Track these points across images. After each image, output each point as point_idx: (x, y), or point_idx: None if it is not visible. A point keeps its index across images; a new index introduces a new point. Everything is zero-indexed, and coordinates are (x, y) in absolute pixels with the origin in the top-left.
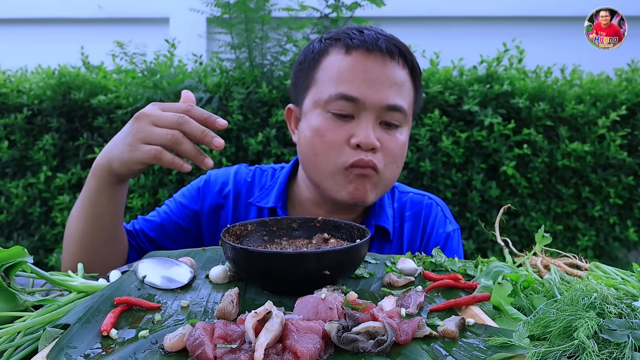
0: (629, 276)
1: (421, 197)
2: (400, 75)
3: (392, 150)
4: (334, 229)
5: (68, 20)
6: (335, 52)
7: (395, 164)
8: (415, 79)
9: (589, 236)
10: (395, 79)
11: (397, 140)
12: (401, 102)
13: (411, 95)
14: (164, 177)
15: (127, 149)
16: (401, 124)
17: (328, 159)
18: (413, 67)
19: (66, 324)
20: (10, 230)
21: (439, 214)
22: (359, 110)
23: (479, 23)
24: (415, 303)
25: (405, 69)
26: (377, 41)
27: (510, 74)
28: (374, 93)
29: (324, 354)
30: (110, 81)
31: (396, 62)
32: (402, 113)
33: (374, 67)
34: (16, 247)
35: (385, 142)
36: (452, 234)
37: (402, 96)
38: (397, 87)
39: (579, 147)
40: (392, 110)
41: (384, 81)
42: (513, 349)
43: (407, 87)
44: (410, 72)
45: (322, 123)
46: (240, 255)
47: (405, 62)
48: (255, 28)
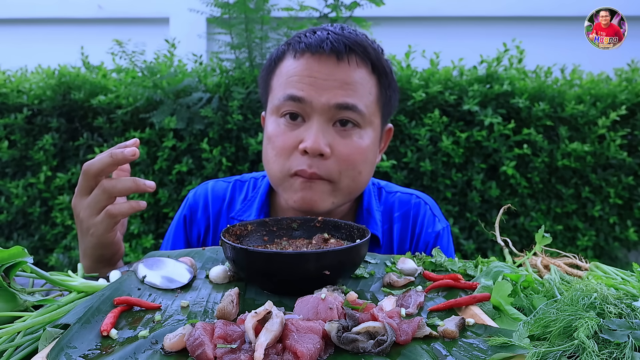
0: (629, 276)
1: (409, 196)
2: (352, 75)
3: (347, 156)
4: (334, 229)
5: (68, 20)
6: (287, 58)
7: (354, 169)
8: (379, 76)
9: (589, 236)
10: (345, 79)
11: (352, 144)
12: (353, 101)
13: (373, 94)
14: (164, 177)
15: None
16: (360, 125)
17: (277, 165)
18: (374, 65)
19: (66, 324)
20: (10, 230)
21: (428, 213)
22: (308, 112)
23: (479, 23)
24: (415, 303)
25: (361, 68)
26: (322, 43)
27: (510, 74)
28: (320, 94)
29: (324, 354)
30: (110, 81)
31: (345, 62)
32: (356, 112)
33: (322, 69)
34: (16, 247)
35: (338, 147)
36: (442, 233)
37: (355, 96)
38: (348, 87)
39: (579, 147)
40: (343, 110)
41: (332, 82)
42: (513, 349)
43: (364, 85)
44: (371, 70)
45: (274, 129)
46: (240, 255)
47: (362, 61)
48: (255, 28)
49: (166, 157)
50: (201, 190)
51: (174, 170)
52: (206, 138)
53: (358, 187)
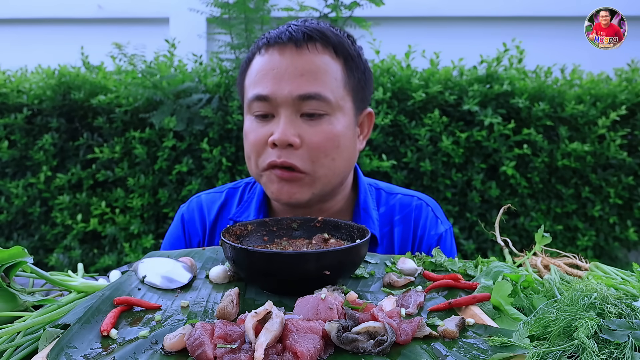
0: (629, 276)
1: (410, 198)
2: (314, 60)
3: (317, 143)
4: (334, 229)
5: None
6: (256, 57)
7: (328, 157)
8: (345, 60)
9: (589, 236)
10: (307, 67)
11: (322, 131)
12: (317, 88)
13: (339, 79)
14: (164, 177)
15: None
16: (329, 112)
17: (252, 161)
18: (336, 49)
19: (66, 324)
20: (10, 230)
21: (430, 215)
22: (275, 108)
23: (479, 23)
24: (415, 303)
25: (323, 54)
26: (281, 34)
27: (510, 74)
28: (282, 87)
29: (324, 354)
30: (110, 81)
31: (305, 48)
32: (321, 100)
33: (282, 60)
34: (16, 247)
35: (308, 136)
36: (445, 235)
37: (319, 82)
38: (310, 74)
39: (579, 147)
40: (307, 100)
41: (293, 72)
42: (513, 349)
43: (328, 71)
44: (335, 55)
45: (248, 126)
46: (240, 255)
47: (323, 47)
48: (254, 28)
49: (166, 157)
50: (194, 202)
51: (174, 171)
52: (206, 138)
53: (335, 174)
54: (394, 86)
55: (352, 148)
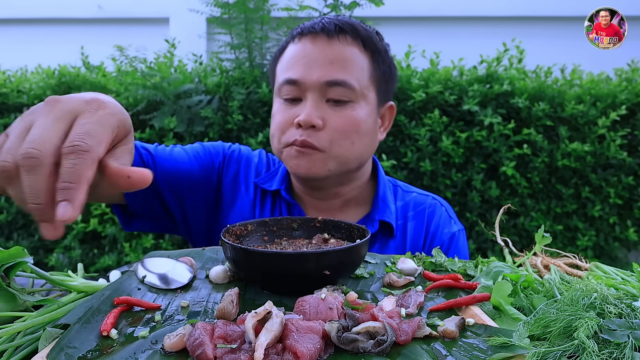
0: (629, 276)
1: (425, 197)
2: (344, 51)
3: (339, 126)
4: (334, 229)
5: (68, 20)
6: (289, 46)
7: (347, 139)
8: (372, 53)
9: (589, 236)
10: (336, 56)
11: (345, 115)
12: (344, 76)
13: (365, 70)
14: None
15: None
16: (353, 100)
17: (276, 138)
18: (365, 42)
19: (66, 324)
20: (10, 230)
21: (444, 214)
22: (303, 92)
23: (479, 23)
24: (415, 303)
25: (352, 46)
26: (315, 25)
27: (510, 74)
28: (312, 73)
29: (324, 354)
30: (110, 81)
31: (336, 39)
32: (346, 87)
33: (314, 49)
34: (16, 247)
35: (332, 119)
36: (458, 234)
37: (346, 71)
38: (339, 62)
39: (579, 147)
40: (333, 86)
41: (323, 59)
42: (513, 349)
43: (355, 61)
44: (363, 48)
45: (276, 108)
46: (240, 255)
47: (353, 39)
48: (254, 28)
49: None
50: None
51: None
52: (206, 138)
53: (353, 156)
54: None
55: (373, 136)
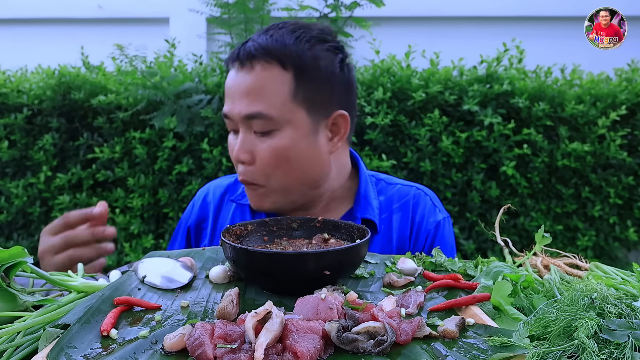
0: (629, 276)
1: (409, 187)
2: (258, 78)
3: (266, 160)
4: (334, 229)
5: (68, 20)
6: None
7: (279, 170)
8: (297, 69)
9: (589, 236)
10: (250, 86)
11: (270, 146)
12: (259, 107)
13: (285, 93)
14: (164, 177)
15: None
16: (277, 128)
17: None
18: (284, 61)
19: (66, 324)
20: (10, 230)
21: (428, 203)
22: (236, 124)
23: (479, 23)
24: (415, 303)
25: (269, 69)
26: (234, 52)
27: (510, 74)
28: (235, 106)
29: (324, 354)
30: (110, 81)
31: (248, 67)
32: (265, 119)
33: (235, 79)
34: (16, 247)
35: (260, 152)
36: (443, 222)
37: (261, 101)
38: (253, 93)
39: (579, 147)
40: (252, 119)
41: (241, 91)
42: (513, 349)
43: (271, 88)
44: (282, 67)
45: (228, 139)
46: (240, 255)
47: (267, 63)
48: (254, 28)
49: (166, 157)
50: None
51: (174, 171)
52: (206, 138)
53: (294, 184)
54: (394, 86)
55: (313, 156)
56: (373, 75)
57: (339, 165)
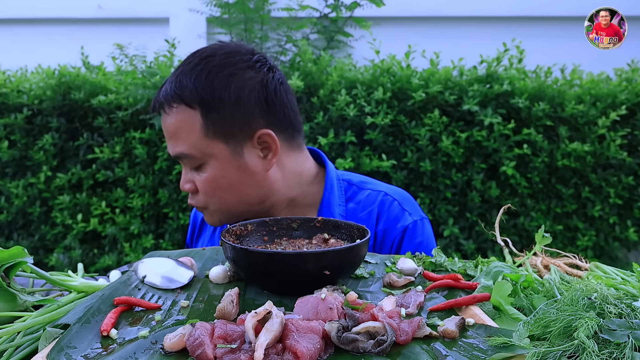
0: (629, 276)
1: (376, 194)
2: (172, 122)
3: (203, 190)
4: (334, 229)
5: (68, 20)
6: None
7: (214, 197)
8: (203, 106)
9: (589, 236)
10: (170, 129)
11: (202, 179)
12: (179, 149)
13: (198, 131)
14: (164, 177)
15: None
16: (203, 162)
17: None
18: (188, 101)
19: (66, 324)
20: (10, 230)
21: (395, 209)
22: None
23: (479, 23)
24: (415, 303)
25: (178, 112)
26: (152, 103)
27: (510, 74)
28: (168, 146)
29: (324, 354)
30: (110, 81)
31: (164, 113)
32: (187, 157)
33: (162, 123)
34: (16, 247)
35: (198, 183)
36: (412, 226)
37: (180, 142)
38: (173, 136)
39: (579, 147)
40: (180, 158)
41: (166, 134)
42: (513, 349)
43: (184, 129)
44: (189, 107)
45: None
46: (240, 255)
47: (174, 106)
48: (254, 28)
49: (166, 157)
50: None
51: (174, 171)
52: None
53: (232, 205)
54: (394, 86)
55: (244, 178)
56: (373, 75)
57: (289, 175)
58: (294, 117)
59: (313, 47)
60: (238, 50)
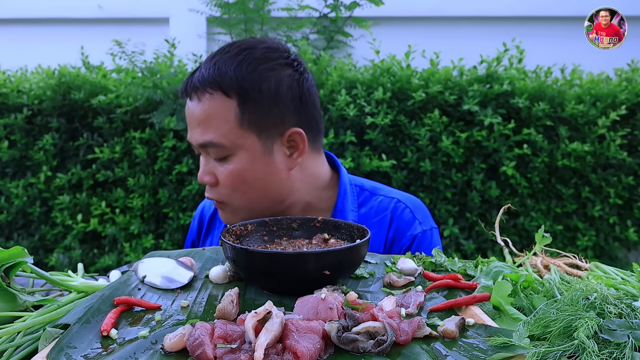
0: (629, 276)
1: (389, 200)
2: (204, 109)
3: (225, 182)
4: (334, 229)
5: (68, 20)
6: None
7: (238, 191)
8: (241, 96)
9: (589, 236)
10: (199, 117)
11: (227, 171)
12: (208, 137)
13: (232, 120)
14: (164, 177)
15: None
16: (230, 153)
17: None
18: (227, 89)
19: (66, 324)
20: (10, 230)
21: (407, 217)
22: (198, 150)
23: (479, 23)
24: (415, 303)
25: (213, 99)
26: (182, 87)
27: (510, 74)
28: (191, 135)
29: (324, 354)
30: (110, 81)
31: (196, 100)
32: (216, 147)
33: (188, 110)
34: (16, 247)
35: (220, 175)
36: (422, 236)
37: (210, 130)
38: (203, 123)
39: (579, 147)
40: (205, 147)
41: (193, 122)
42: (513, 349)
43: (217, 117)
44: (226, 96)
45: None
46: (240, 255)
47: (210, 93)
48: (254, 28)
49: (166, 157)
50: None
51: (174, 171)
52: None
53: (255, 202)
54: (394, 86)
55: (270, 174)
56: (373, 75)
57: (308, 177)
58: (320, 120)
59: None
60: (277, 47)
